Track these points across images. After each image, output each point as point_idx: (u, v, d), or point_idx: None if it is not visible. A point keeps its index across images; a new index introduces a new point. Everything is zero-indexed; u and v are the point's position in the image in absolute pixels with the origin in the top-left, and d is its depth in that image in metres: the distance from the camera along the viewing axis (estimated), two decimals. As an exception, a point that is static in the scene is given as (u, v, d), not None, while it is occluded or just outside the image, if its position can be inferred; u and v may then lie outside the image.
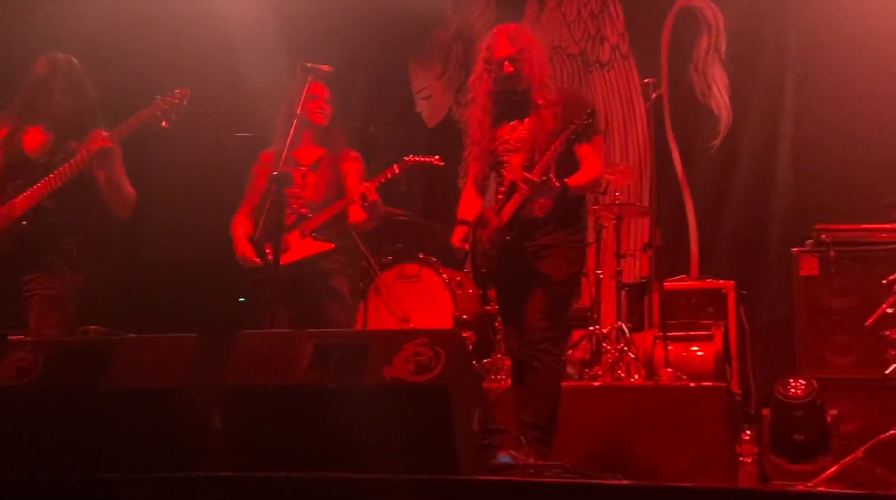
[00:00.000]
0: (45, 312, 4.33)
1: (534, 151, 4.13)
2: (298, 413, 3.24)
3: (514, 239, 4.15)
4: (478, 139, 4.33)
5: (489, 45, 4.30)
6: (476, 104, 4.35)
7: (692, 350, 5.65)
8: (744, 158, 6.73)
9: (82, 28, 6.52)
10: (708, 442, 4.74)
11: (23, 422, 3.30)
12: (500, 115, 4.31)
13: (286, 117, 4.71)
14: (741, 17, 6.88)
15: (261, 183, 4.74)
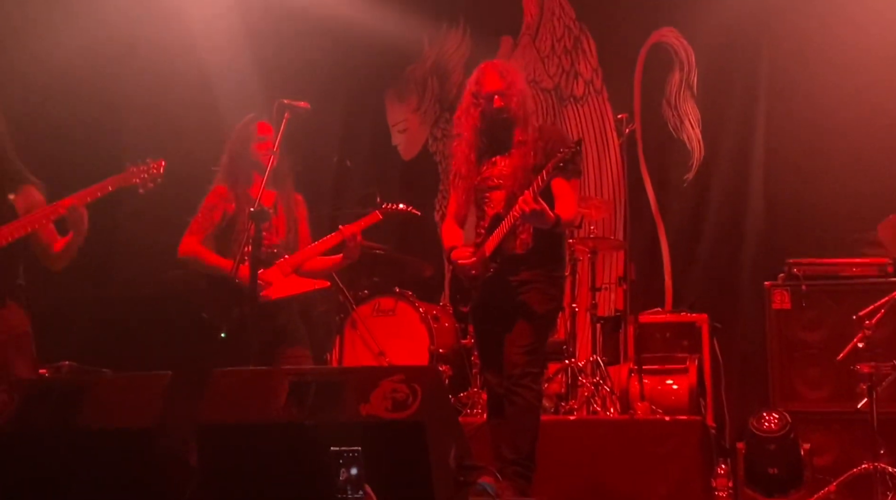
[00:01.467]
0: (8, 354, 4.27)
1: (514, 187, 4.15)
2: (275, 451, 3.22)
3: (496, 272, 4.16)
4: (465, 173, 4.34)
5: (478, 79, 4.33)
6: (462, 139, 4.37)
7: (667, 384, 5.68)
8: (716, 192, 6.81)
9: (53, 63, 6.51)
10: (683, 475, 4.77)
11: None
12: (483, 150, 4.34)
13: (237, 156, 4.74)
14: (712, 52, 6.98)
15: (217, 215, 4.71)
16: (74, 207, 4.24)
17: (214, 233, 4.73)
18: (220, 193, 4.75)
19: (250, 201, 4.64)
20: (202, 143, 6.92)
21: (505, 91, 4.26)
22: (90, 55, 6.79)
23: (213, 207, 4.73)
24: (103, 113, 7.08)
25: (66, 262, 4.46)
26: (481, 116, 4.30)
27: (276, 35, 7.45)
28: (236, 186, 4.74)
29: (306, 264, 4.73)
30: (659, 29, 7.15)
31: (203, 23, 7.23)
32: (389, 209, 4.85)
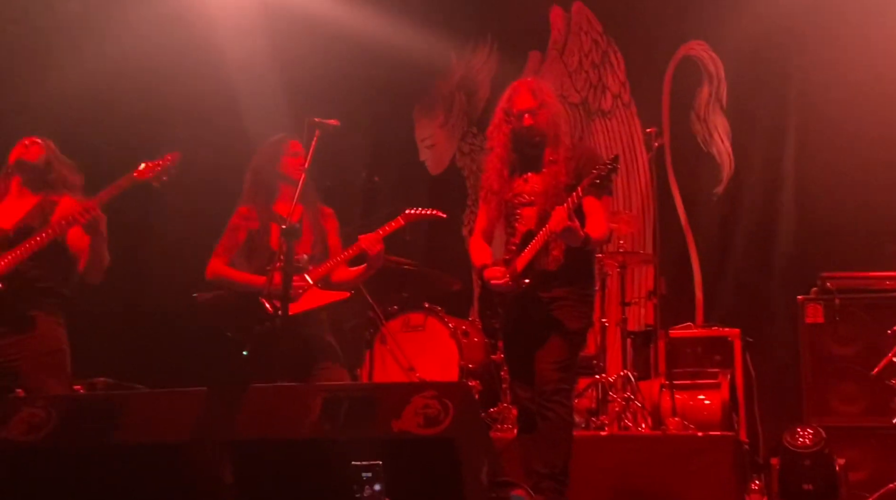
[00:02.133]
0: (42, 370, 4.34)
1: (546, 205, 4.15)
2: (308, 466, 3.24)
3: (528, 288, 4.15)
4: (497, 189, 4.33)
5: (510, 96, 4.34)
6: (494, 154, 4.37)
7: (699, 399, 5.63)
8: (747, 205, 6.76)
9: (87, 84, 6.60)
10: (716, 492, 4.71)
11: (35, 478, 3.30)
12: (515, 166, 4.34)
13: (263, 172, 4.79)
14: (741, 64, 6.95)
15: (242, 235, 4.77)
16: (89, 208, 4.32)
17: (242, 252, 4.77)
18: (242, 213, 4.81)
19: (274, 218, 4.70)
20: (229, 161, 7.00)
21: (536, 109, 4.26)
22: (124, 75, 6.89)
23: (237, 228, 4.79)
24: (138, 131, 7.15)
25: (96, 271, 4.52)
26: (512, 133, 4.31)
27: (304, 53, 7.50)
28: (259, 203, 4.78)
29: (333, 275, 4.75)
30: (687, 42, 7.14)
31: (231, 42, 7.30)
32: (412, 215, 4.84)
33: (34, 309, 4.41)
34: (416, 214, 4.86)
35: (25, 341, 4.36)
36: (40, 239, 4.34)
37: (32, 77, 6.63)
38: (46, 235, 4.35)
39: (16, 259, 4.33)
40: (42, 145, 4.65)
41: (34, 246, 4.34)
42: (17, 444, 3.35)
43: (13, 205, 4.58)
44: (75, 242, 4.51)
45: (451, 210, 7.75)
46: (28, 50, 6.70)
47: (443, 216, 4.99)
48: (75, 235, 4.48)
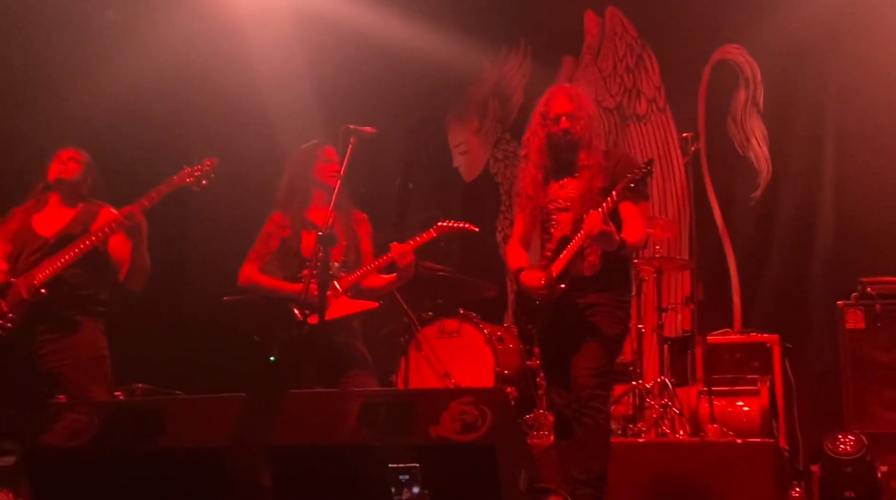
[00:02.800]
0: (85, 376, 4.39)
1: (582, 210, 4.13)
2: (346, 472, 3.24)
3: (564, 293, 4.13)
4: (532, 194, 4.33)
5: (547, 101, 4.34)
6: (529, 160, 4.37)
7: (738, 405, 5.58)
8: (785, 210, 6.70)
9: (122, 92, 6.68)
10: (756, 499, 4.66)
11: (78, 483, 3.33)
12: (550, 172, 4.33)
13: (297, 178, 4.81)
14: (778, 68, 6.89)
15: (274, 242, 4.79)
16: (131, 213, 4.37)
17: (274, 259, 4.80)
18: (275, 220, 4.84)
19: (306, 224, 4.72)
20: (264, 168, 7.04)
21: (573, 113, 4.26)
22: (158, 83, 6.96)
23: (270, 235, 4.82)
24: (172, 139, 7.23)
25: (139, 277, 4.56)
26: (548, 137, 4.31)
27: (337, 61, 7.55)
28: (292, 210, 4.80)
29: (364, 283, 4.76)
30: (723, 46, 7.09)
31: (264, 51, 7.35)
32: (444, 227, 4.84)
33: (76, 315, 4.48)
34: (449, 226, 4.85)
35: (68, 347, 4.42)
36: (82, 246, 4.41)
37: (68, 85, 6.71)
38: (88, 242, 4.42)
39: (58, 266, 4.39)
40: (79, 161, 4.70)
41: (76, 253, 4.40)
42: (60, 449, 3.38)
43: (53, 215, 4.65)
44: (117, 250, 4.57)
45: (484, 216, 7.82)
46: (64, 59, 6.78)
47: (475, 230, 4.97)
48: (116, 242, 4.54)
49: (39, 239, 4.55)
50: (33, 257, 4.49)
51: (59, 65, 6.78)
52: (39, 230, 4.58)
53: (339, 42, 7.49)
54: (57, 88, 6.71)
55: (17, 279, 4.43)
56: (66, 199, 4.67)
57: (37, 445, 3.53)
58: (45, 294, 4.36)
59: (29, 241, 4.55)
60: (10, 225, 4.65)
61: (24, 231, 4.59)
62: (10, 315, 4.36)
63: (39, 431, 3.52)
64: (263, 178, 6.71)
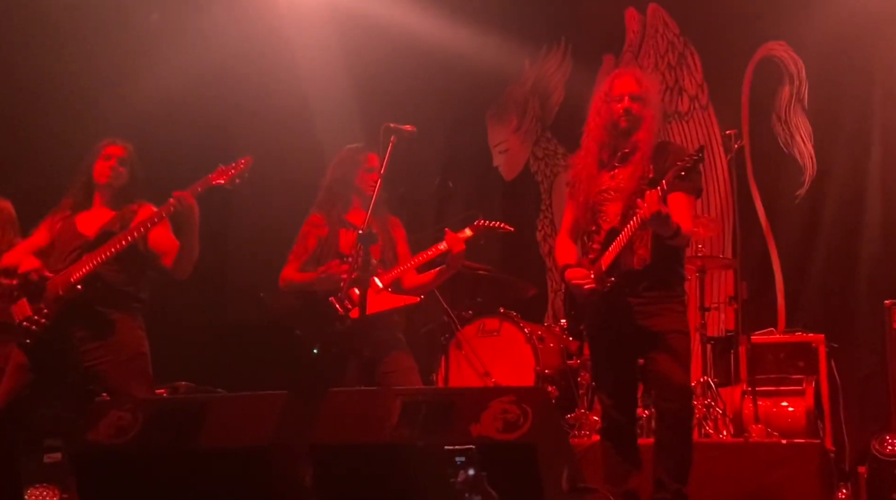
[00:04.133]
0: (125, 374, 4.41)
1: (631, 200, 4.00)
2: (387, 471, 3.24)
3: (614, 288, 4.03)
4: (585, 182, 4.20)
5: (612, 80, 4.22)
6: (584, 147, 4.27)
7: (783, 406, 5.52)
8: (830, 208, 6.59)
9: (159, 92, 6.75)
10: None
11: (122, 480, 3.36)
12: (601, 159, 4.21)
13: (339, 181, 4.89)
14: (823, 64, 6.79)
15: (312, 242, 4.85)
16: (181, 198, 4.39)
17: (312, 258, 4.84)
18: (312, 221, 4.91)
19: (344, 223, 4.74)
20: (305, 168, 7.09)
21: (638, 95, 4.14)
22: (199, 83, 7.02)
23: (307, 235, 4.89)
24: (212, 139, 7.29)
25: (186, 263, 4.58)
26: (606, 120, 4.17)
27: (376, 60, 7.57)
28: (332, 212, 4.85)
29: (406, 280, 4.77)
30: (767, 42, 6.99)
31: (304, 51, 7.40)
32: (480, 226, 4.83)
33: (114, 312, 4.49)
34: (486, 225, 4.84)
35: (107, 345, 4.43)
36: (121, 243, 4.40)
37: (112, 86, 6.80)
38: (127, 239, 4.41)
39: (95, 263, 4.40)
40: (124, 162, 4.69)
41: (114, 250, 4.40)
42: (105, 446, 3.42)
43: (96, 215, 4.67)
44: (159, 242, 4.56)
45: (524, 215, 7.80)
46: (107, 60, 6.87)
47: (510, 230, 4.94)
48: (157, 234, 4.54)
49: (80, 237, 4.56)
50: (72, 254, 4.50)
51: (104, 66, 6.87)
52: (82, 229, 4.61)
53: (380, 41, 7.51)
54: (101, 89, 6.81)
55: (54, 276, 4.45)
56: (111, 200, 4.69)
57: (82, 442, 3.58)
58: (81, 291, 4.38)
59: (70, 239, 4.57)
60: (56, 221, 4.68)
61: (68, 229, 4.62)
62: (45, 311, 4.36)
63: (85, 428, 3.57)
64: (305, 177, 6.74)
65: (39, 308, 4.38)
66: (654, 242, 4.06)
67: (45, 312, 4.36)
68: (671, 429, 4.02)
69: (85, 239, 4.55)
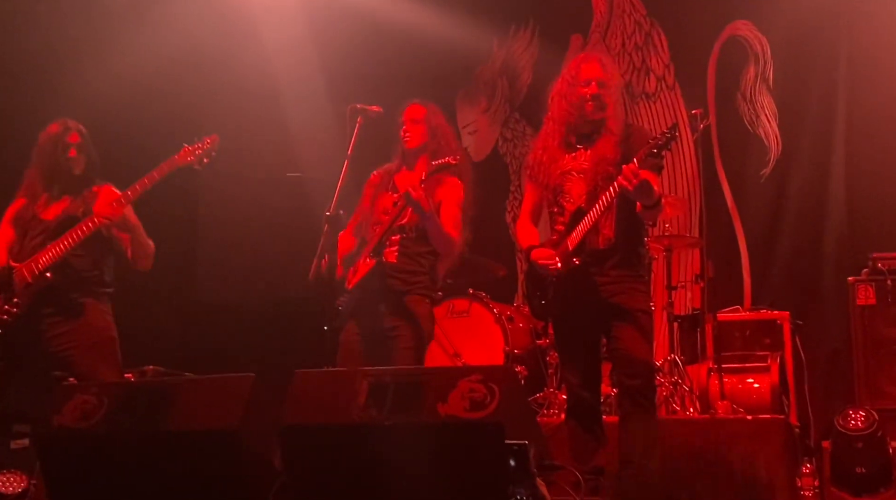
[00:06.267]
0: (94, 358, 4.41)
1: (597, 180, 4.06)
2: (355, 451, 3.25)
3: (581, 265, 4.05)
4: (546, 163, 4.23)
5: (578, 65, 4.23)
6: (546, 128, 4.30)
7: (748, 382, 5.58)
8: (795, 187, 6.66)
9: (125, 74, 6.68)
10: (767, 475, 4.67)
11: (88, 464, 3.36)
12: (565, 141, 4.23)
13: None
14: (789, 44, 6.83)
15: (365, 204, 4.77)
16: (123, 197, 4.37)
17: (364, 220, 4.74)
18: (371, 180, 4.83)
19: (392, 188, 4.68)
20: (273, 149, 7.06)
21: (603, 80, 4.17)
22: (162, 66, 6.95)
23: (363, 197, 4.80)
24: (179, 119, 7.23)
25: (144, 257, 4.58)
26: (572, 103, 4.19)
27: (344, 41, 7.52)
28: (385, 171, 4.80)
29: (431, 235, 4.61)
30: (733, 22, 7.03)
31: (272, 31, 7.34)
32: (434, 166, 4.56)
33: (82, 297, 4.48)
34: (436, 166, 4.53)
35: (76, 329, 4.44)
36: (84, 229, 4.40)
37: (74, 66, 6.72)
38: (90, 225, 4.41)
39: (62, 250, 4.39)
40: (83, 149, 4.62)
41: (79, 237, 4.40)
42: (70, 430, 3.41)
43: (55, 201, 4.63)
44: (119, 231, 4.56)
45: (494, 196, 7.80)
46: (72, 39, 6.79)
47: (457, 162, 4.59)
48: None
49: (42, 223, 4.54)
50: (35, 240, 4.49)
51: (67, 46, 6.78)
52: (43, 215, 4.58)
53: (348, 22, 7.47)
54: (64, 68, 6.72)
55: (19, 264, 4.43)
56: (69, 186, 4.64)
57: (47, 426, 3.56)
58: (51, 278, 4.37)
59: (32, 225, 4.55)
60: (17, 209, 4.65)
61: (29, 217, 4.59)
62: (16, 300, 4.36)
63: (50, 413, 3.55)
64: (273, 157, 6.75)
65: (10, 298, 4.35)
66: (617, 223, 4.11)
67: (15, 301, 4.34)
68: (635, 405, 4.06)
69: (47, 224, 4.52)
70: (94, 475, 3.34)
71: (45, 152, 4.62)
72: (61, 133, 4.61)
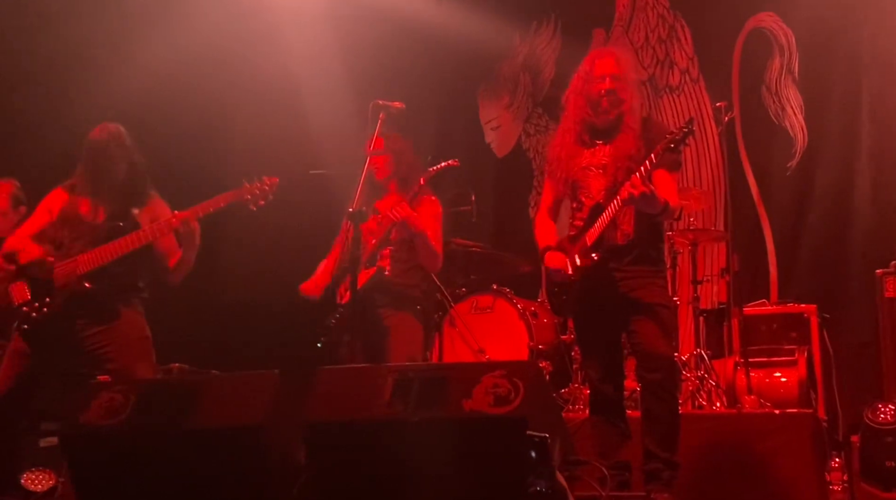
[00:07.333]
0: (131, 355, 4.41)
1: (616, 176, 4.05)
2: (380, 447, 3.25)
3: (598, 263, 4.05)
4: (564, 159, 4.23)
5: (592, 60, 4.23)
6: (564, 124, 4.30)
7: (775, 376, 5.53)
8: (822, 179, 6.60)
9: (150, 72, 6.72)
10: (795, 470, 4.62)
11: (114, 461, 3.37)
12: (582, 138, 4.23)
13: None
14: (814, 35, 6.77)
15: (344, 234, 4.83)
16: (187, 220, 4.35)
17: None
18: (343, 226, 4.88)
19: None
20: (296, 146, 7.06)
21: (618, 75, 4.17)
22: (186, 65, 6.98)
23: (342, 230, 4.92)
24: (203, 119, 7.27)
25: (181, 276, 4.59)
26: (587, 99, 4.19)
27: (366, 38, 7.53)
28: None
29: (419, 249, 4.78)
30: (757, 14, 6.98)
31: (295, 29, 7.36)
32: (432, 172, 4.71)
33: (117, 301, 4.47)
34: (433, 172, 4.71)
35: (112, 329, 4.43)
36: (133, 242, 4.36)
37: (102, 67, 6.77)
38: (140, 239, 4.37)
39: (105, 260, 4.36)
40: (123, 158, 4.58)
41: (126, 248, 4.36)
42: (97, 427, 3.43)
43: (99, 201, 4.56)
44: (165, 245, 4.54)
45: (517, 191, 7.79)
46: (98, 41, 6.84)
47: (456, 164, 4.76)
48: (167, 239, 4.51)
49: (84, 223, 4.50)
50: (78, 243, 4.45)
51: (94, 47, 6.84)
52: (84, 212, 4.52)
53: (369, 19, 7.47)
54: (96, 66, 6.77)
55: (60, 263, 4.41)
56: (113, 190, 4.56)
57: (74, 424, 3.58)
58: (89, 288, 4.35)
59: (75, 223, 4.51)
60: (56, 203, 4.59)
61: (70, 212, 4.54)
62: (48, 300, 4.36)
63: (77, 410, 3.57)
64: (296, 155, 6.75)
65: (42, 297, 4.35)
66: (637, 218, 4.10)
67: (48, 301, 4.34)
68: (656, 399, 4.05)
69: (90, 225, 4.48)
70: (120, 472, 3.35)
71: (89, 157, 4.60)
72: (103, 139, 4.58)
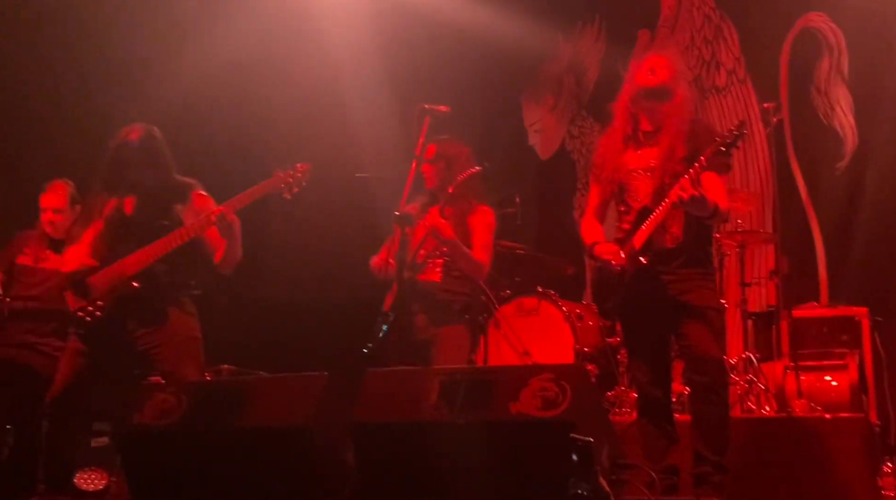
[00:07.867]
0: (182, 355, 4.45)
1: (663, 178, 4.01)
2: (426, 449, 3.26)
3: (647, 266, 4.02)
4: (611, 162, 4.21)
5: (642, 62, 4.21)
6: (611, 127, 4.27)
7: (826, 380, 5.45)
8: (872, 179, 6.49)
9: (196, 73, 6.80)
10: (847, 475, 4.55)
11: (167, 461, 3.42)
12: (631, 140, 4.21)
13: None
14: (864, 35, 6.68)
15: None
16: (223, 215, 4.38)
17: None
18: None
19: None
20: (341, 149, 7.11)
21: (669, 72, 4.15)
22: (232, 69, 7.06)
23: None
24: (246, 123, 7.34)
25: (229, 268, 4.61)
26: (634, 101, 4.17)
27: (409, 41, 7.56)
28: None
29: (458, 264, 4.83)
30: (806, 14, 6.90)
31: (337, 33, 7.40)
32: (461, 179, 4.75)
33: (167, 300, 4.49)
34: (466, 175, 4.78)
35: (164, 329, 4.44)
36: (178, 239, 4.38)
37: (145, 72, 6.87)
38: (184, 235, 4.38)
39: (152, 257, 4.38)
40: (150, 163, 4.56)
41: (170, 245, 4.38)
42: (150, 428, 3.49)
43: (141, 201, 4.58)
44: (211, 239, 4.53)
45: (561, 194, 7.78)
46: (142, 46, 6.94)
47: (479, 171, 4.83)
48: (211, 233, 4.50)
49: (130, 224, 4.52)
50: (123, 247, 4.47)
51: (137, 53, 6.94)
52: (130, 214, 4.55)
53: (413, 22, 7.50)
54: (141, 69, 6.88)
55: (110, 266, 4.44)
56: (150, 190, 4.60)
57: (127, 424, 3.64)
58: (138, 288, 4.40)
59: (120, 225, 4.54)
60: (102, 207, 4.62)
61: (115, 214, 4.57)
62: (100, 303, 4.42)
63: (130, 411, 3.63)
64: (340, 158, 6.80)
65: (94, 300, 4.39)
66: (686, 221, 4.06)
67: (99, 304, 4.40)
68: (706, 402, 4.02)
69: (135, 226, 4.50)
70: (172, 471, 3.40)
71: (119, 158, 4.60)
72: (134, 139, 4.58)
